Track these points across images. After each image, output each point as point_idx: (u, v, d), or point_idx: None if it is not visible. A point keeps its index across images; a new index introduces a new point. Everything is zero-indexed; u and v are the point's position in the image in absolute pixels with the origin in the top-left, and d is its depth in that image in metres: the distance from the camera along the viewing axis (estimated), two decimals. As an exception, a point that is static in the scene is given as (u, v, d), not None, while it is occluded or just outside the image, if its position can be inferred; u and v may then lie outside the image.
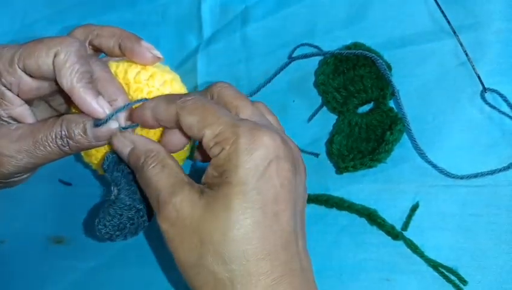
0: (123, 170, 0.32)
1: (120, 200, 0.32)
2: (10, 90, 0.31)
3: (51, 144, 0.31)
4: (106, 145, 0.33)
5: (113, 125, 0.31)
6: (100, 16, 0.50)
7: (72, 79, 0.29)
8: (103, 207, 0.32)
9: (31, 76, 0.31)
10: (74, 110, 0.34)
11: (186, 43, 0.47)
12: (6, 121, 0.32)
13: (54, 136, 0.31)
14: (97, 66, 0.32)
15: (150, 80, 0.33)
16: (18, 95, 0.31)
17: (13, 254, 0.47)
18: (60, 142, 0.31)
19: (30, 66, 0.30)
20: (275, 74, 0.42)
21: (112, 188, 0.32)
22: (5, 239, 0.48)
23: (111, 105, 0.31)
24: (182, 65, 0.46)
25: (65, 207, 0.46)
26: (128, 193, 0.32)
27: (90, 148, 0.33)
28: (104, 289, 0.43)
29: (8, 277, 0.47)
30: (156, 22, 0.48)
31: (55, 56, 0.30)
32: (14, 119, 0.32)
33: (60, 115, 0.36)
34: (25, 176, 0.34)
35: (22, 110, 0.32)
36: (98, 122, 0.30)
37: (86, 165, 0.38)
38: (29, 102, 0.33)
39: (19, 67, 0.30)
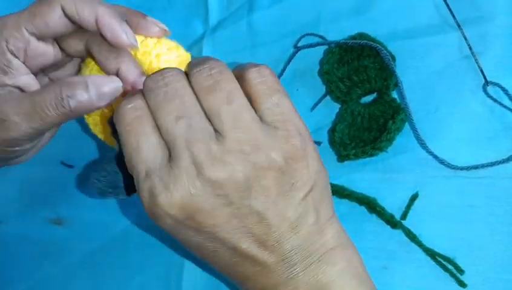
0: None
1: (119, 158, 0.32)
2: (17, 57, 0.31)
3: (49, 106, 0.30)
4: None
5: (117, 82, 0.30)
6: (106, 1, 0.50)
7: (91, 10, 0.30)
8: (101, 162, 0.32)
9: (38, 39, 0.31)
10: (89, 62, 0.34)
11: (192, 29, 0.47)
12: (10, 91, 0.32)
13: (53, 97, 0.30)
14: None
15: (158, 44, 0.34)
16: (24, 63, 0.32)
17: (12, 235, 0.47)
18: (60, 103, 0.30)
19: (38, 25, 0.30)
20: (285, 65, 0.42)
21: (115, 145, 0.32)
22: (4, 220, 0.48)
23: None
24: (187, 51, 0.46)
25: (65, 189, 0.46)
26: None
27: (91, 111, 0.32)
28: (104, 271, 0.43)
29: (7, 257, 0.47)
30: (162, 7, 0.49)
31: (63, 10, 0.30)
32: (20, 89, 0.32)
33: None
34: (28, 146, 0.33)
35: (27, 79, 0.32)
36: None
37: (92, 147, 0.38)
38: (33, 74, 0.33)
39: (27, 31, 0.30)
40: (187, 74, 0.28)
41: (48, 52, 0.33)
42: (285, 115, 0.28)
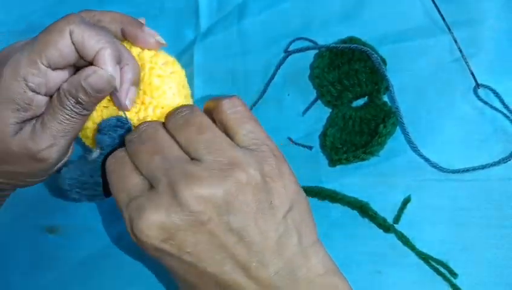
0: (114, 138, 0.32)
1: (97, 164, 0.32)
2: (39, 93, 0.31)
3: (71, 115, 0.31)
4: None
5: (104, 73, 0.30)
6: (97, 7, 0.50)
7: (96, 45, 0.30)
8: (78, 161, 0.33)
9: (54, 68, 0.31)
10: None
11: (183, 36, 0.47)
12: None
13: (69, 108, 0.31)
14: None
15: (154, 57, 0.34)
16: (45, 95, 0.31)
17: (5, 244, 0.47)
18: (76, 110, 0.31)
19: (53, 57, 0.30)
20: (276, 70, 0.42)
21: (96, 148, 0.33)
22: (-2, 229, 0.48)
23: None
24: (179, 58, 0.45)
25: (57, 197, 0.46)
26: None
27: (102, 100, 0.32)
28: (96, 279, 0.43)
29: (0, 266, 0.47)
30: (153, 14, 0.49)
31: (71, 35, 0.30)
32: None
33: None
34: (65, 159, 0.34)
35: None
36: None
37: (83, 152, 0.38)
38: None
39: (43, 64, 0.30)
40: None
41: (66, 78, 0.32)
42: (260, 140, 0.30)
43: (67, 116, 0.31)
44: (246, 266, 0.27)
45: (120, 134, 0.33)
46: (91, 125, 0.35)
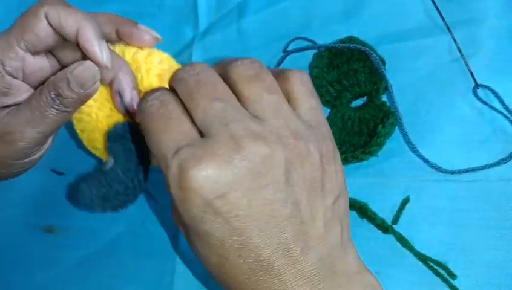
0: (126, 144, 0.32)
1: (114, 172, 0.32)
2: (16, 77, 0.31)
3: (45, 107, 0.30)
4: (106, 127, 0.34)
5: (91, 65, 0.30)
6: (96, 6, 0.50)
7: (76, 21, 0.29)
8: (95, 173, 0.32)
9: (33, 54, 0.31)
10: None
11: (182, 35, 0.47)
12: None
13: (45, 98, 0.30)
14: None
15: (149, 57, 0.33)
16: (24, 81, 0.31)
17: (4, 243, 0.47)
18: (52, 103, 0.30)
19: (30, 40, 0.30)
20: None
21: (109, 158, 0.32)
22: (-5, 228, 0.48)
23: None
24: (177, 57, 0.45)
25: (56, 196, 0.46)
26: (123, 168, 0.32)
27: (84, 102, 0.32)
28: (95, 279, 0.43)
29: (-1, 266, 0.47)
30: (152, 13, 0.48)
31: (46, 17, 0.29)
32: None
33: None
34: (36, 155, 0.34)
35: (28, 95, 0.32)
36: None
37: (83, 155, 0.38)
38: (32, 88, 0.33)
39: (20, 48, 0.30)
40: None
41: (45, 65, 0.32)
42: (321, 119, 0.29)
43: (41, 107, 0.30)
44: (290, 246, 0.25)
45: (130, 139, 0.32)
46: (98, 136, 0.35)
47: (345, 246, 0.28)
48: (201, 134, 0.26)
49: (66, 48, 0.33)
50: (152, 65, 0.33)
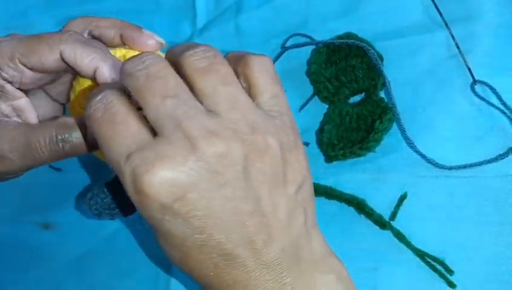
0: None
1: (119, 181, 0.32)
2: (11, 83, 0.31)
3: (43, 148, 0.30)
4: None
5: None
6: (94, 3, 0.50)
7: (93, 61, 0.30)
8: (99, 184, 0.32)
9: (32, 70, 0.31)
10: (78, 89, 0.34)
11: (180, 31, 0.47)
12: (7, 116, 0.32)
13: (47, 141, 0.30)
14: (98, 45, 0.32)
15: None
16: (19, 88, 0.32)
17: (1, 239, 0.47)
18: (54, 147, 0.30)
19: (33, 63, 0.30)
20: (271, 65, 0.42)
21: None
22: (-8, 224, 0.47)
23: None
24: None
25: (53, 193, 0.46)
26: None
27: (84, 153, 0.31)
28: (92, 275, 0.43)
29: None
30: (150, 10, 0.48)
31: (62, 54, 0.30)
32: (15, 112, 0.32)
33: (60, 104, 0.36)
34: (21, 174, 0.34)
35: (22, 103, 0.32)
36: None
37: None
38: (27, 91, 0.33)
39: (21, 63, 0.30)
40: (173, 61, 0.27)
41: (45, 77, 0.32)
42: (282, 108, 0.27)
43: (39, 148, 0.30)
44: (252, 239, 0.25)
45: None
46: None
47: (310, 233, 0.27)
48: (156, 133, 0.25)
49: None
50: None
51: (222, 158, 0.24)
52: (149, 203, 0.24)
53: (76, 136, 0.30)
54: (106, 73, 0.30)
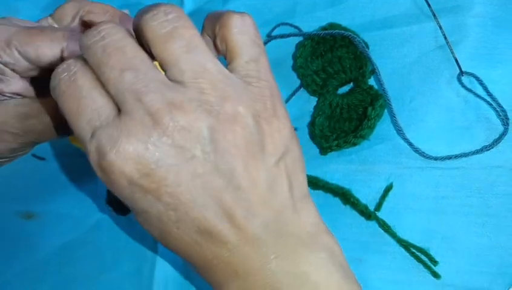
0: None
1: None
2: (5, 65, 0.30)
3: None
4: None
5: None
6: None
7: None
8: None
9: (28, 61, 0.30)
10: None
11: (166, 20, 0.46)
12: (10, 97, 0.31)
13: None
14: None
15: None
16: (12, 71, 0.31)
17: (-17, 230, 0.46)
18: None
19: (29, 54, 0.30)
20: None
21: None
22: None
23: None
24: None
25: (37, 182, 0.45)
26: None
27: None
28: (75, 266, 0.42)
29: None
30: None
31: (62, 52, 0.29)
32: (17, 94, 0.31)
33: None
34: (22, 152, 0.34)
35: (24, 85, 0.32)
36: None
37: (63, 140, 0.38)
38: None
39: (17, 51, 0.30)
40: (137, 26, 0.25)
41: (39, 69, 0.32)
42: (261, 73, 0.26)
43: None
44: (230, 213, 0.24)
45: None
46: None
47: (296, 207, 0.26)
48: (118, 110, 0.24)
49: None
50: None
51: (186, 132, 0.23)
52: (117, 181, 0.23)
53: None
54: None
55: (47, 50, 0.29)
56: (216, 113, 0.24)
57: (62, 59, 0.30)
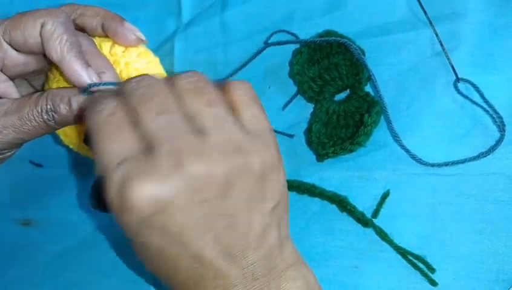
0: None
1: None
2: None
3: (36, 118, 0.30)
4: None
5: None
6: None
7: (62, 49, 0.30)
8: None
9: (17, 50, 0.30)
10: (56, 86, 0.33)
11: (164, 26, 0.47)
12: None
13: (39, 111, 0.30)
14: (84, 40, 0.32)
15: (127, 51, 0.33)
16: (2, 71, 0.31)
17: (-19, 236, 0.46)
18: (45, 117, 0.30)
19: (17, 39, 0.30)
20: (251, 59, 0.42)
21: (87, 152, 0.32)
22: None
23: (100, 78, 0.31)
24: (159, 48, 0.46)
25: (34, 188, 0.45)
26: None
27: (71, 123, 0.32)
28: (73, 272, 0.42)
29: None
30: (136, 5, 0.48)
31: (42, 27, 0.29)
32: (2, 96, 0.32)
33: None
34: (8, 153, 0.34)
35: (6, 86, 0.32)
36: (83, 95, 0.30)
37: (61, 146, 0.38)
38: (11, 80, 0.32)
39: (5, 41, 0.30)
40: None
41: (28, 62, 0.32)
42: (264, 126, 0.29)
43: (31, 116, 0.30)
44: (228, 254, 0.26)
45: None
46: (74, 132, 0.35)
47: (282, 244, 0.29)
48: (145, 148, 0.26)
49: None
50: (130, 59, 0.33)
51: (205, 177, 0.25)
52: (129, 213, 0.25)
53: (64, 107, 0.30)
54: (70, 66, 0.30)
55: (31, 29, 0.30)
56: (233, 162, 0.26)
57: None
